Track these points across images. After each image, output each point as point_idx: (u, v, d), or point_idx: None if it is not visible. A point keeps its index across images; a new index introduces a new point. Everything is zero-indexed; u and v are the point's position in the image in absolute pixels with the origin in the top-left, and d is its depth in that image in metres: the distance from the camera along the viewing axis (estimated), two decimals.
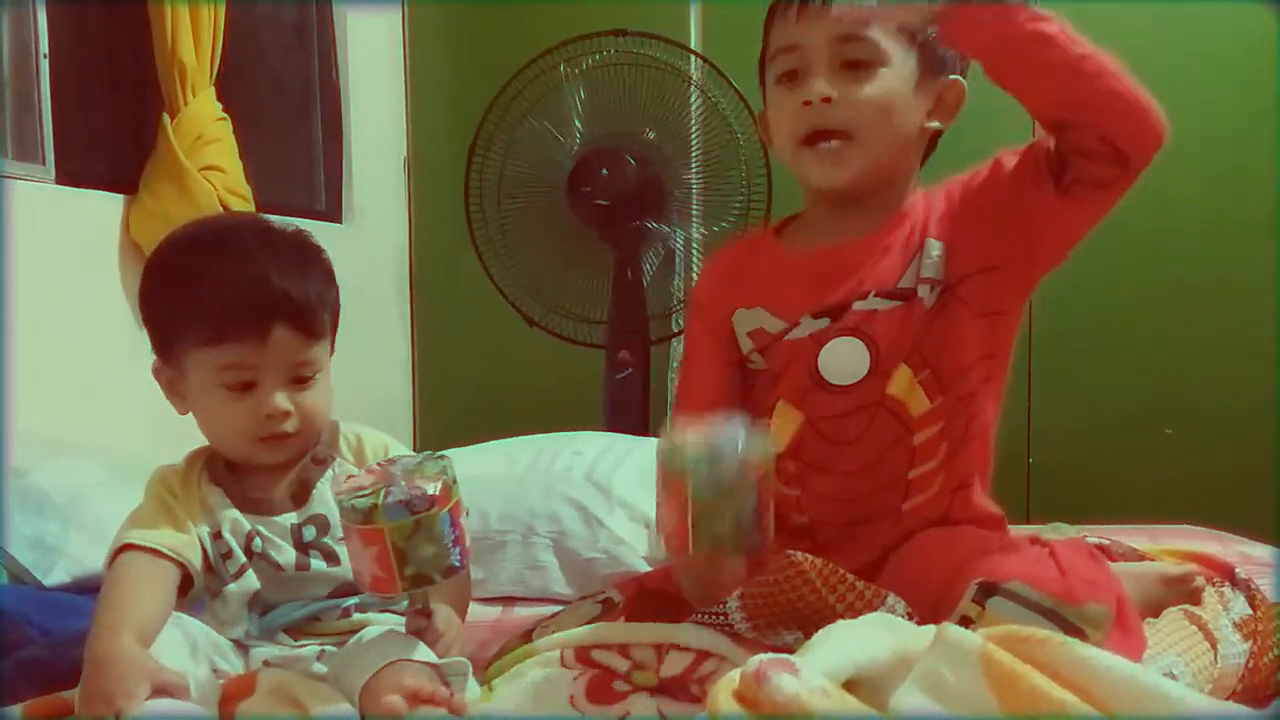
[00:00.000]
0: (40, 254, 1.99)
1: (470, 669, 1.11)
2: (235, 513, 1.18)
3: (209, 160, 2.22)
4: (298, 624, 1.16)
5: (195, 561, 1.14)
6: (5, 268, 1.88)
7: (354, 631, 1.13)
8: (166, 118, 2.21)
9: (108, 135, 2.27)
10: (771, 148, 1.31)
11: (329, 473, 1.21)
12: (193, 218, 2.13)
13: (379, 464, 1.10)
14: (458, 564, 1.06)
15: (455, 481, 1.06)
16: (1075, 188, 1.16)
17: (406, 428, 3.23)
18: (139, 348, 2.22)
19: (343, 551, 1.16)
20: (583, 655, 1.09)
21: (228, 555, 1.16)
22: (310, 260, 1.21)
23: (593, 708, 1.04)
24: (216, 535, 1.17)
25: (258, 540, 1.17)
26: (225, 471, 1.21)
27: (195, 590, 1.16)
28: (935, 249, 1.23)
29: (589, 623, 1.17)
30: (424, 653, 1.06)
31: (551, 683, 1.07)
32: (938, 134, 1.28)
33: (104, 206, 2.21)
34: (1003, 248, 1.22)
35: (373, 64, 3.16)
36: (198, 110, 2.23)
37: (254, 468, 1.21)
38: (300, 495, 1.21)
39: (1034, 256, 1.23)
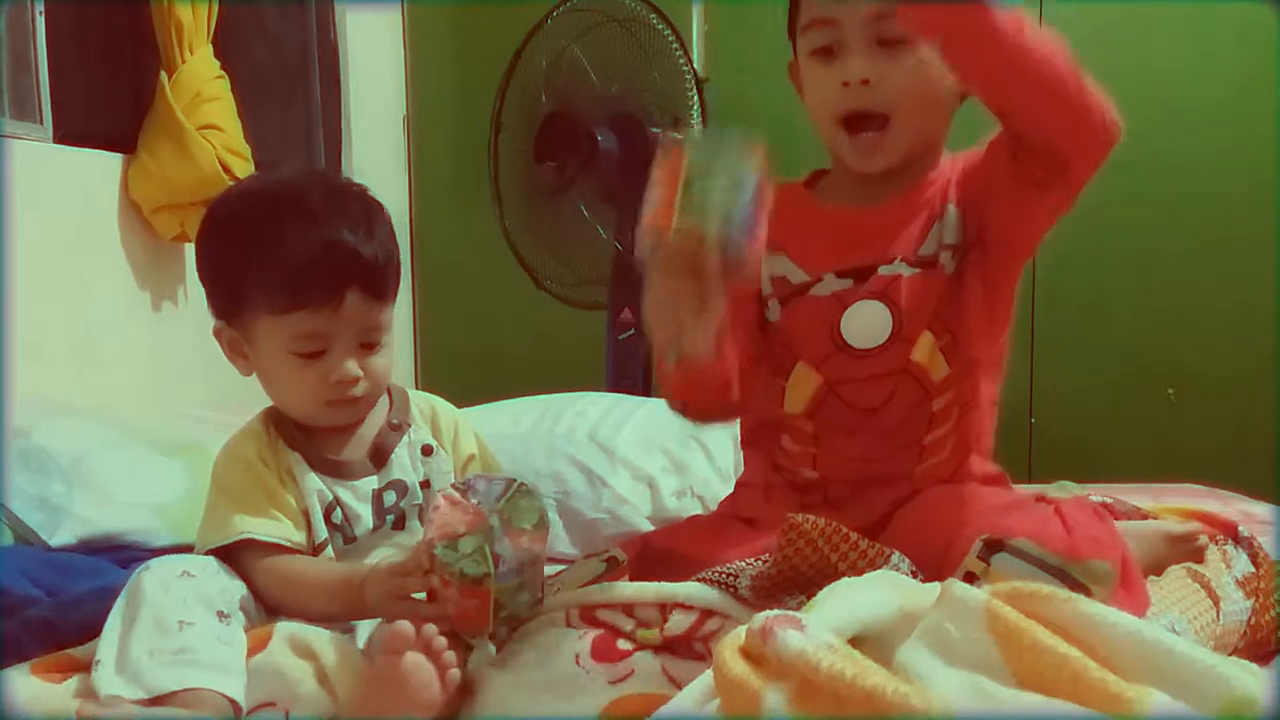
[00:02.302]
0: (39, 213, 1.98)
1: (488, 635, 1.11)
2: (318, 482, 1.17)
3: (207, 119, 2.20)
4: None
5: (305, 544, 1.16)
6: (4, 227, 1.87)
7: None
8: (164, 76, 2.19)
9: (105, 94, 2.25)
10: (805, 107, 1.28)
11: (406, 438, 1.22)
12: (192, 177, 2.14)
13: (459, 490, 1.05)
14: (541, 596, 1.08)
15: (546, 515, 1.05)
16: (1023, 183, 1.15)
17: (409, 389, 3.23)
18: (138, 307, 2.25)
19: (413, 521, 1.19)
20: (587, 614, 1.10)
21: (309, 530, 1.17)
22: (377, 219, 1.18)
23: (597, 666, 1.04)
24: (305, 511, 1.16)
25: (338, 511, 1.17)
26: (298, 434, 1.20)
27: None
28: (953, 214, 1.23)
29: (593, 581, 1.17)
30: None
31: (556, 642, 1.07)
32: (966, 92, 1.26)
33: (102, 166, 2.20)
34: (986, 226, 1.22)
35: (372, 23, 3.13)
36: (195, 68, 2.21)
37: (326, 429, 1.20)
38: (378, 459, 1.20)
39: (1007, 241, 1.23)
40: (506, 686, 1.04)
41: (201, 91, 2.20)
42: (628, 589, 1.11)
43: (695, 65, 2.47)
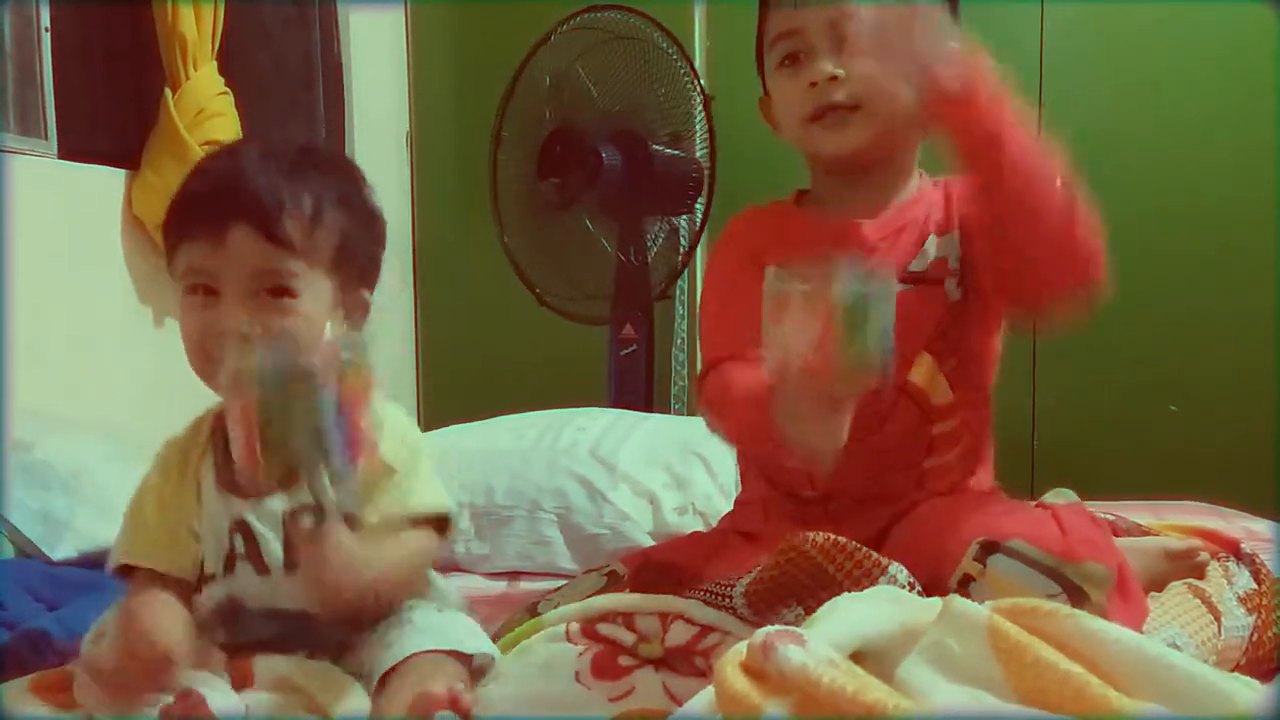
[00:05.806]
0: (42, 229, 1.99)
1: (498, 660, 1.08)
2: (218, 502, 1.04)
3: (210, 135, 2.22)
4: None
5: (191, 570, 1.05)
6: (7, 242, 1.87)
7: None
8: (168, 92, 2.20)
9: (110, 109, 2.26)
10: (776, 131, 1.30)
11: None
12: None
13: None
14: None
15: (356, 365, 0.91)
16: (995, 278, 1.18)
17: (411, 405, 3.23)
18: (140, 323, 2.25)
19: None
20: (588, 630, 1.09)
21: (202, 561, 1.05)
22: (308, 169, 1.05)
23: (598, 683, 1.04)
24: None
25: (239, 538, 1.04)
26: (223, 440, 1.04)
27: None
28: (955, 238, 1.23)
29: (593, 595, 1.17)
30: (453, 639, 1.03)
31: (557, 659, 1.06)
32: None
33: (106, 181, 2.21)
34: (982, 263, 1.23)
35: (374, 39, 3.14)
36: (199, 84, 2.22)
37: None
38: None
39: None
40: (507, 703, 1.03)
41: (205, 108, 2.22)
42: (631, 598, 1.11)
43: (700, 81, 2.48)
